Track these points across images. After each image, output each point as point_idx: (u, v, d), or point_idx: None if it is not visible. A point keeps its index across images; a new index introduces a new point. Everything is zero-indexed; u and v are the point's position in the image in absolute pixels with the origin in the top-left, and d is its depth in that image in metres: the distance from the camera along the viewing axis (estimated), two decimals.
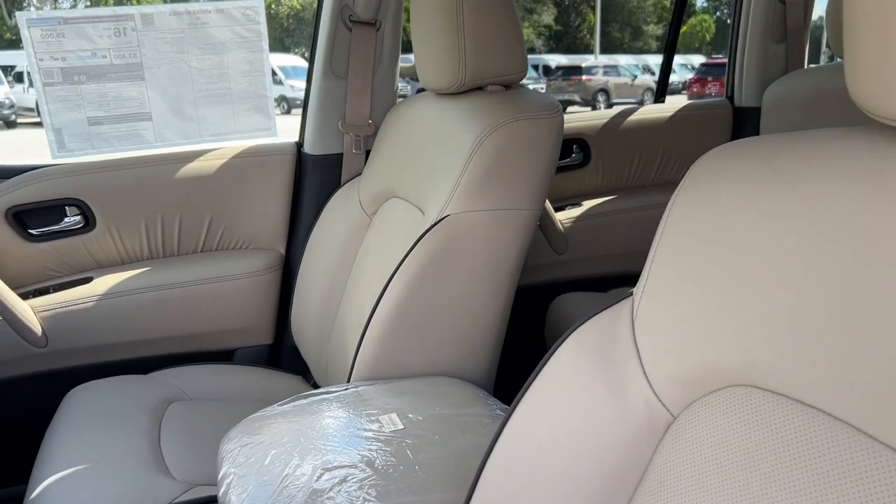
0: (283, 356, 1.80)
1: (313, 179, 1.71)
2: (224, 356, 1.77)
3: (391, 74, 1.67)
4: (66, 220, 1.60)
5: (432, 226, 1.15)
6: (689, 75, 21.93)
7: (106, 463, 1.21)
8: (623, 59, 22.90)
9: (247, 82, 1.68)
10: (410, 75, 2.08)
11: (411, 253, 1.14)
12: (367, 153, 1.64)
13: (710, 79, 17.96)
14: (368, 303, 1.32)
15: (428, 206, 1.23)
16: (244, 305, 1.71)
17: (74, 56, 1.53)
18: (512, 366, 1.63)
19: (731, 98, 2.14)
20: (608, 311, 0.73)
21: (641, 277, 0.73)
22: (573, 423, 0.70)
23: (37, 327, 1.53)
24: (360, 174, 1.63)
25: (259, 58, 1.67)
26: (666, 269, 0.70)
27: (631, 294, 0.73)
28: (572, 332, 0.74)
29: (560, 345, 0.74)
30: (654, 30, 31.76)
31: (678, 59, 24.48)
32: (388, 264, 1.29)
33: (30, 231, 1.58)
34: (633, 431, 0.67)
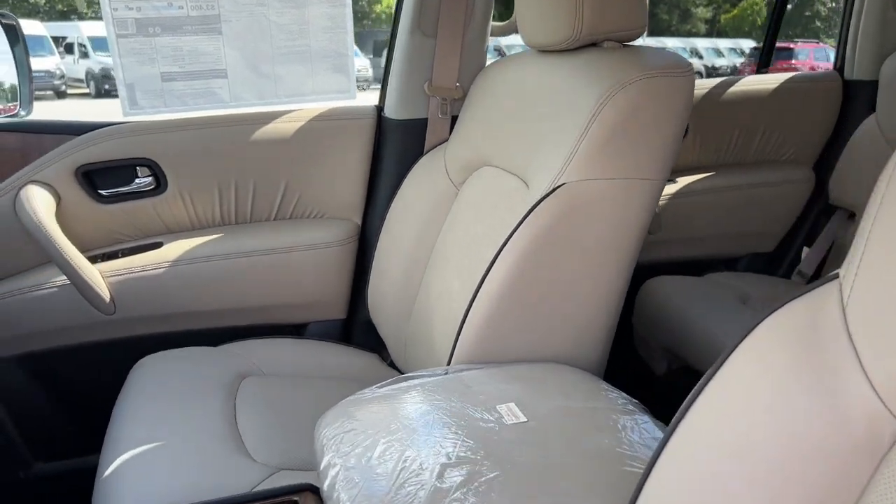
0: (355, 332, 1.70)
1: (394, 146, 1.59)
2: (294, 330, 1.68)
3: (482, 34, 1.55)
4: (137, 180, 1.51)
5: (545, 196, 1.02)
6: (739, 60, 21.24)
7: (181, 441, 1.12)
8: (670, 42, 22.35)
9: (327, 39, 1.57)
10: (501, 34, 1.92)
11: (521, 226, 1.02)
12: (454, 119, 1.52)
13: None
14: (459, 280, 1.21)
15: (535, 175, 1.10)
16: (318, 278, 1.61)
17: (150, 6, 1.44)
18: None
19: (840, 70, 1.97)
20: (804, 299, 0.60)
21: (852, 257, 0.59)
22: (769, 430, 0.57)
23: (105, 293, 1.46)
24: (446, 141, 1.51)
25: (342, 13, 1.56)
26: (887, 246, 0.56)
27: (836, 277, 0.60)
28: (761, 323, 0.61)
29: (745, 338, 0.61)
30: (703, 13, 30.96)
31: (726, 43, 23.81)
32: (485, 238, 1.17)
33: (99, 191, 1.49)
34: (849, 441, 0.55)
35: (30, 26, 13.13)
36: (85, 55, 14.41)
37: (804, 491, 0.55)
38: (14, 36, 1.50)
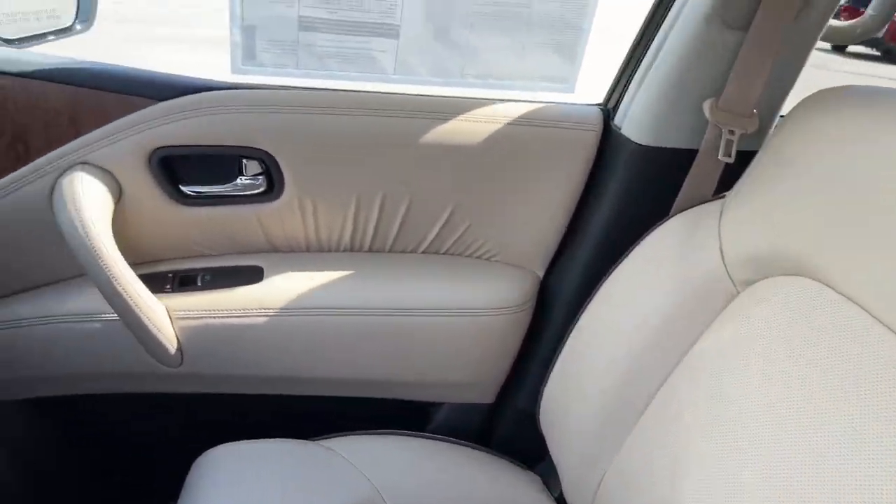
0: (500, 426, 1.20)
1: (627, 179, 1.04)
2: (415, 414, 1.19)
3: (808, 39, 0.96)
4: (241, 178, 0.99)
5: None
6: None
7: None
8: None
9: (559, 4, 1.00)
10: (841, 41, 1.23)
11: None
12: (738, 162, 0.97)
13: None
14: (748, 463, 0.69)
15: None
16: (475, 350, 1.10)
17: None
18: None
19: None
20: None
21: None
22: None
23: (171, 341, 0.97)
24: (720, 197, 0.95)
25: None
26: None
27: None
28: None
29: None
30: None
31: None
32: (815, 421, 0.64)
33: (181, 188, 0.98)
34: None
35: None
36: None
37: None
38: None
